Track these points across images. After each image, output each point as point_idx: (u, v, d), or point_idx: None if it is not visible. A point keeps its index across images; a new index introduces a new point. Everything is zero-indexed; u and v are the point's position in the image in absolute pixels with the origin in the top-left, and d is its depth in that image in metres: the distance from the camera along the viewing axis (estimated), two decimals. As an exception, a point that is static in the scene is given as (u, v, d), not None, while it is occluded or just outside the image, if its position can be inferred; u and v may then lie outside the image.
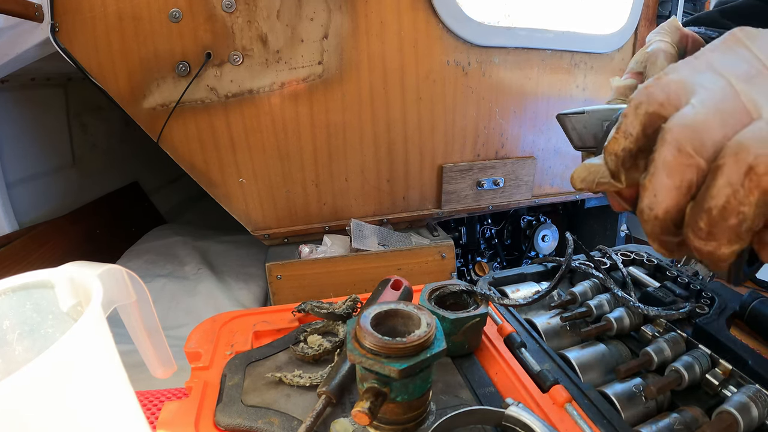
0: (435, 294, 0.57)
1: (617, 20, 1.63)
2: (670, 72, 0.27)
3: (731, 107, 0.24)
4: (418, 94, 1.42)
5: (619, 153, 0.28)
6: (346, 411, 0.47)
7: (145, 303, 0.42)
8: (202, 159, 1.32)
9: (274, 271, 1.34)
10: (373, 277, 1.35)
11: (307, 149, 1.38)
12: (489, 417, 0.44)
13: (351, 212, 1.51)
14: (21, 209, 1.56)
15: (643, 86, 0.27)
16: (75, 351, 0.27)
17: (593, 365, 0.55)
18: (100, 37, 1.15)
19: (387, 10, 1.30)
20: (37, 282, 0.35)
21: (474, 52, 1.43)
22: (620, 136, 0.28)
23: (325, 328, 0.60)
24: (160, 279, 1.57)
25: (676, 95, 0.26)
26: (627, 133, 0.28)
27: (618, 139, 0.28)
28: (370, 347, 0.40)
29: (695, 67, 0.27)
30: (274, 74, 1.28)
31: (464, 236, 1.91)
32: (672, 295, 0.62)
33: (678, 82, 0.26)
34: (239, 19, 1.21)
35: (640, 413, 0.48)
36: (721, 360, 0.49)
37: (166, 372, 0.46)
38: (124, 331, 0.41)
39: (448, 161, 1.54)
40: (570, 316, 0.62)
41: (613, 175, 0.29)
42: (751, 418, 0.42)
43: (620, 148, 0.28)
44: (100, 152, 2.06)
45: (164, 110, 1.25)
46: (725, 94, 0.25)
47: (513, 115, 1.58)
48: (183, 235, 1.90)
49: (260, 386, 0.51)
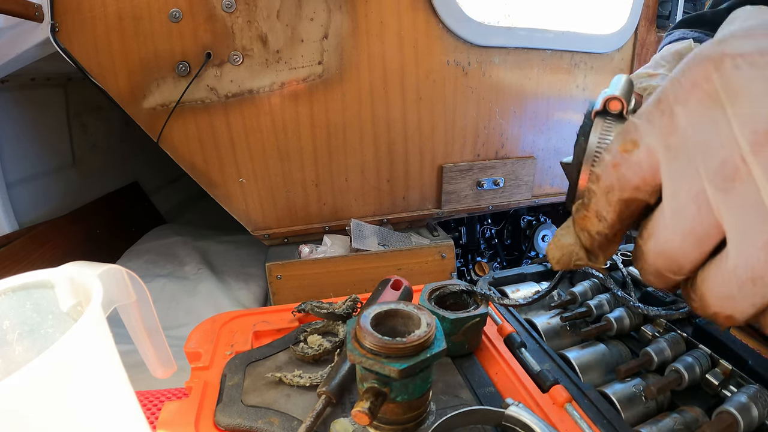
0: (435, 294, 0.57)
1: (617, 20, 1.63)
2: (635, 137, 0.23)
3: (705, 226, 0.22)
4: (418, 94, 1.42)
5: (595, 236, 0.27)
6: (346, 411, 0.47)
7: (145, 303, 0.41)
8: (202, 159, 1.32)
9: (274, 271, 1.34)
10: (373, 277, 1.35)
11: (307, 149, 1.38)
12: (489, 417, 0.44)
13: (351, 212, 1.51)
14: (21, 209, 1.56)
15: (610, 162, 0.24)
16: (75, 351, 0.27)
17: (593, 365, 0.55)
18: (100, 37, 1.15)
19: (387, 10, 1.30)
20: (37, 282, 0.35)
21: (474, 52, 1.43)
22: (592, 216, 0.26)
23: (325, 328, 0.60)
24: (160, 279, 1.56)
25: (652, 176, 0.23)
26: (600, 215, 0.26)
27: (590, 218, 0.26)
28: (370, 347, 0.40)
29: (664, 132, 0.22)
30: (274, 74, 1.28)
31: (464, 236, 1.91)
32: (672, 294, 0.62)
33: (650, 160, 0.23)
34: (239, 19, 1.21)
35: (640, 413, 0.48)
36: (721, 360, 0.49)
37: (166, 372, 0.46)
38: (124, 331, 0.41)
39: (448, 161, 1.54)
40: (570, 316, 0.62)
41: (589, 255, 0.28)
42: (751, 418, 0.42)
43: (595, 231, 0.26)
44: (100, 152, 2.06)
45: (164, 110, 1.25)
46: (699, 204, 0.21)
47: (513, 115, 1.58)
48: (183, 235, 1.90)
49: (260, 386, 0.51)
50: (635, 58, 1.71)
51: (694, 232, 0.22)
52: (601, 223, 0.26)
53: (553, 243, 0.30)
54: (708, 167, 0.21)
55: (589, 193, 0.26)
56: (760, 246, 0.20)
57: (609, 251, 0.27)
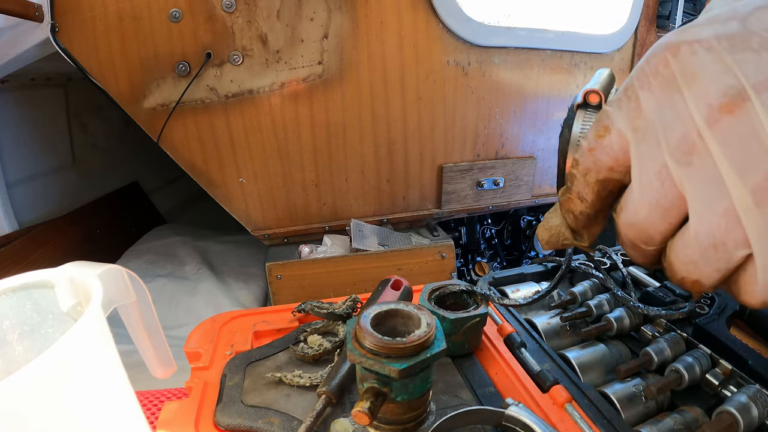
0: (435, 294, 0.57)
1: (617, 20, 1.63)
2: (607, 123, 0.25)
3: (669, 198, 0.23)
4: (418, 94, 1.42)
5: (578, 216, 0.29)
6: (346, 411, 0.47)
7: (145, 303, 0.41)
8: (202, 159, 1.32)
9: (274, 271, 1.34)
10: (373, 277, 1.35)
11: (307, 149, 1.38)
12: (489, 417, 0.44)
13: (351, 212, 1.51)
14: (21, 209, 1.56)
15: (587, 147, 0.27)
16: (75, 351, 0.27)
17: (593, 365, 0.55)
18: (100, 37, 1.15)
19: (387, 10, 1.30)
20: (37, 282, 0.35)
21: (474, 52, 1.43)
22: (574, 198, 0.28)
23: (325, 328, 0.60)
24: (160, 279, 1.57)
25: (623, 156, 0.25)
26: (581, 196, 0.28)
27: (573, 200, 0.28)
28: (370, 347, 0.40)
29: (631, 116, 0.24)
30: (274, 74, 1.28)
31: (464, 236, 1.91)
32: (672, 294, 0.62)
33: (621, 142, 0.25)
34: (239, 19, 1.21)
35: (640, 413, 0.48)
36: (721, 360, 0.49)
37: (166, 372, 0.46)
38: (124, 331, 0.41)
39: (448, 161, 1.54)
40: (570, 316, 0.62)
41: (575, 235, 0.30)
42: (751, 418, 0.42)
43: (578, 211, 0.29)
44: (100, 152, 2.06)
45: (164, 110, 1.25)
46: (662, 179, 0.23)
47: (513, 115, 1.58)
48: (183, 235, 1.90)
49: (260, 386, 0.51)
50: (635, 58, 1.71)
51: (659, 204, 0.24)
52: (583, 203, 0.28)
53: (542, 225, 0.32)
54: (669, 143, 0.23)
55: (571, 177, 0.28)
56: (720, 214, 0.21)
57: (593, 230, 0.29)
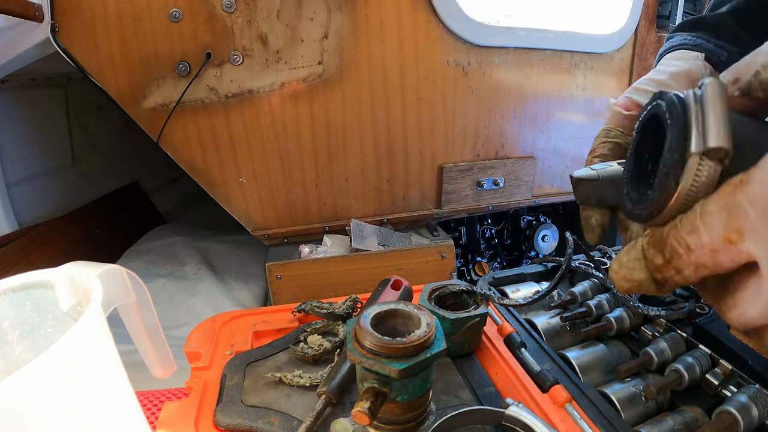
0: (435, 294, 0.57)
1: (617, 20, 1.63)
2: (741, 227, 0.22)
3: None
4: (418, 94, 1.42)
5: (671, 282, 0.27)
6: (346, 411, 0.47)
7: (145, 303, 0.41)
8: (202, 159, 1.32)
9: (274, 271, 1.34)
10: (373, 277, 1.35)
11: (307, 149, 1.38)
12: (489, 417, 0.44)
13: (351, 212, 1.51)
14: (21, 209, 1.56)
15: (709, 247, 0.24)
16: (75, 351, 0.27)
17: (593, 365, 0.55)
18: (100, 37, 1.15)
19: (387, 10, 1.30)
20: (37, 282, 0.35)
21: (474, 52, 1.43)
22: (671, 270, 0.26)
23: (325, 328, 0.60)
24: (160, 279, 1.56)
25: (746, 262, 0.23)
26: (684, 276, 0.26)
27: (669, 270, 0.27)
28: (370, 347, 0.40)
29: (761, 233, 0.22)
30: (274, 74, 1.28)
31: (464, 236, 1.91)
32: (672, 294, 0.62)
33: (750, 257, 0.22)
34: (239, 19, 1.21)
35: (640, 413, 0.48)
36: (721, 360, 0.49)
37: (166, 372, 0.46)
38: (124, 331, 0.41)
39: (448, 161, 1.54)
40: (570, 316, 0.62)
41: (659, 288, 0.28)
42: (751, 418, 0.42)
43: (673, 282, 0.27)
44: (99, 152, 2.05)
45: (164, 110, 1.25)
46: None
47: (513, 115, 1.58)
48: (183, 235, 1.90)
49: (260, 386, 0.51)
50: (635, 58, 1.71)
51: None
52: (681, 279, 0.26)
53: (623, 276, 0.29)
54: None
55: (675, 255, 0.25)
56: None
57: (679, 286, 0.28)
